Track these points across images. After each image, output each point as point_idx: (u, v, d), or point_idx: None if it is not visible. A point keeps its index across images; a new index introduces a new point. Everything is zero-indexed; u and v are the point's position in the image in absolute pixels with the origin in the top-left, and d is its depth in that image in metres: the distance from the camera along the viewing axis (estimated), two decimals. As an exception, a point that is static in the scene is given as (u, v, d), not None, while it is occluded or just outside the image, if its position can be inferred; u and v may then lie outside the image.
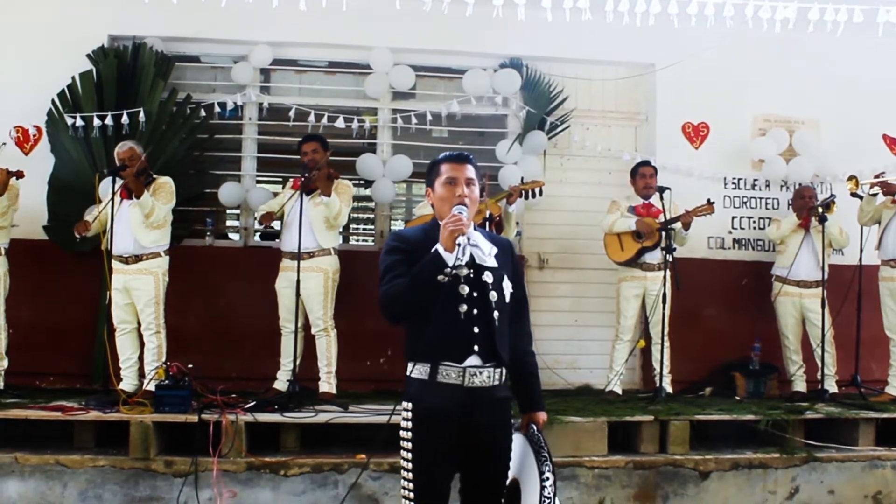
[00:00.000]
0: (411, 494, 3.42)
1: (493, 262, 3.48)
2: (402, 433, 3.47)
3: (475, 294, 3.42)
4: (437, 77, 8.09)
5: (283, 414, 5.94)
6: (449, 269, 3.31)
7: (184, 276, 6.86)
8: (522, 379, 3.68)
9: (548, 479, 3.38)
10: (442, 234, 3.36)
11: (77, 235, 6.49)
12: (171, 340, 6.59)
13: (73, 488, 5.52)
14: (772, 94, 8.07)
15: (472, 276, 3.42)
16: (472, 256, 3.41)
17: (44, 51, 7.28)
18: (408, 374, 3.50)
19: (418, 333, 3.45)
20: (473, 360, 3.41)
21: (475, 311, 3.41)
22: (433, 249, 3.37)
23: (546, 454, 3.46)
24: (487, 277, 3.45)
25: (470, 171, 3.54)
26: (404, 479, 3.45)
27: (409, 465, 3.43)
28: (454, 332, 3.40)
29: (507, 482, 3.54)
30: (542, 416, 3.68)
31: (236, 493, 5.55)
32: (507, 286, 3.51)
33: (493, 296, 3.44)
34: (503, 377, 3.49)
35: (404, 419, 3.48)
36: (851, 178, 7.27)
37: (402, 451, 3.47)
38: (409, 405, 3.47)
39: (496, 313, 3.44)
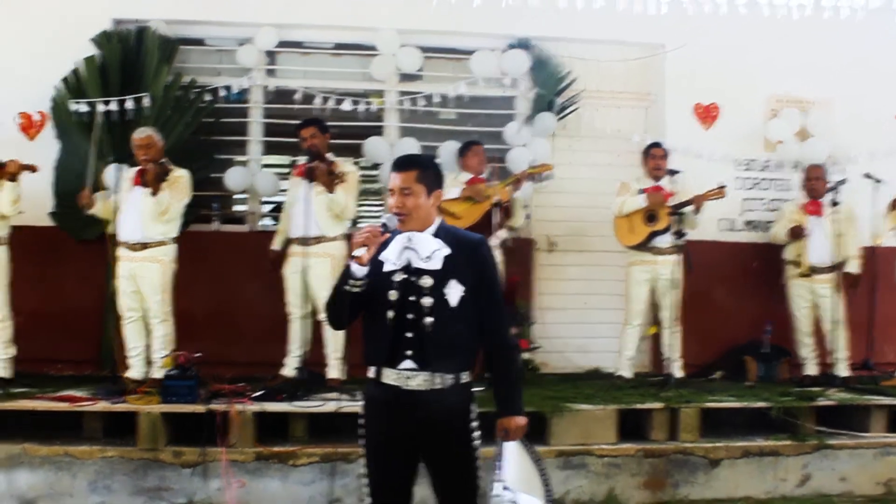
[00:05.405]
0: (367, 489, 3.53)
1: (433, 265, 3.44)
2: (359, 430, 3.57)
3: (411, 298, 3.42)
4: (444, 58, 7.97)
5: (292, 403, 5.92)
6: (352, 281, 3.34)
7: (190, 261, 6.80)
8: (494, 381, 3.64)
9: (495, 492, 3.43)
10: None
11: (81, 207, 6.45)
12: (178, 326, 6.55)
13: (83, 479, 5.53)
14: (784, 73, 7.92)
15: (411, 279, 3.43)
16: (408, 260, 3.46)
17: (47, 36, 7.21)
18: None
19: (365, 338, 3.54)
20: (408, 364, 3.43)
21: (409, 316, 3.42)
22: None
23: (499, 463, 3.49)
24: (425, 281, 3.43)
25: (407, 178, 3.49)
26: (364, 468, 3.56)
27: (364, 460, 3.55)
28: (385, 337, 3.44)
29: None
30: (514, 421, 3.59)
31: (245, 483, 5.55)
32: (454, 289, 3.45)
33: (427, 301, 3.41)
34: (447, 382, 3.45)
35: (360, 416, 3.57)
36: None
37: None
38: (363, 402, 3.59)
39: (428, 319, 3.40)
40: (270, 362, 6.86)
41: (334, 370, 6.69)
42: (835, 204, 7.07)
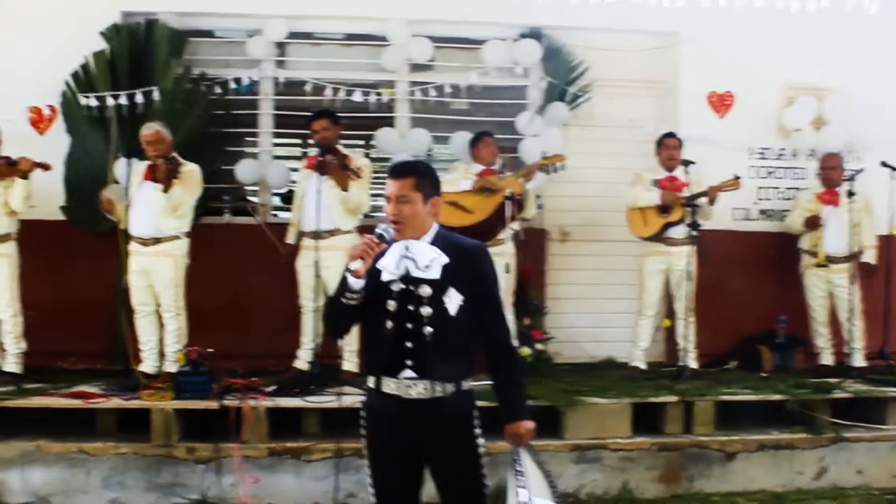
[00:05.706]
0: (373, 499, 3.53)
1: (432, 274, 3.40)
2: (362, 440, 3.55)
3: (410, 308, 3.39)
4: (455, 48, 7.89)
5: (305, 399, 5.91)
6: (349, 293, 3.33)
7: (201, 253, 6.76)
8: (496, 388, 3.60)
9: (519, 496, 3.36)
10: None
11: (104, 212, 6.44)
12: (191, 319, 6.53)
13: (97, 475, 5.54)
14: (800, 61, 7.78)
15: (410, 289, 3.40)
16: (406, 270, 3.42)
17: (56, 30, 7.17)
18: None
19: (365, 348, 3.56)
20: (408, 374, 3.39)
21: (408, 326, 3.39)
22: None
23: (519, 469, 3.42)
24: (424, 291, 3.39)
25: (403, 186, 3.44)
26: (370, 477, 3.55)
27: (368, 470, 3.53)
28: (385, 347, 3.41)
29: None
30: (521, 426, 3.53)
31: (258, 478, 5.54)
32: (453, 299, 3.41)
33: (426, 311, 3.38)
34: (448, 390, 3.41)
35: (360, 426, 3.56)
36: None
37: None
38: (363, 412, 3.56)
39: (428, 329, 3.37)
40: (283, 354, 6.83)
41: (348, 363, 6.66)
42: (851, 194, 7.00)
